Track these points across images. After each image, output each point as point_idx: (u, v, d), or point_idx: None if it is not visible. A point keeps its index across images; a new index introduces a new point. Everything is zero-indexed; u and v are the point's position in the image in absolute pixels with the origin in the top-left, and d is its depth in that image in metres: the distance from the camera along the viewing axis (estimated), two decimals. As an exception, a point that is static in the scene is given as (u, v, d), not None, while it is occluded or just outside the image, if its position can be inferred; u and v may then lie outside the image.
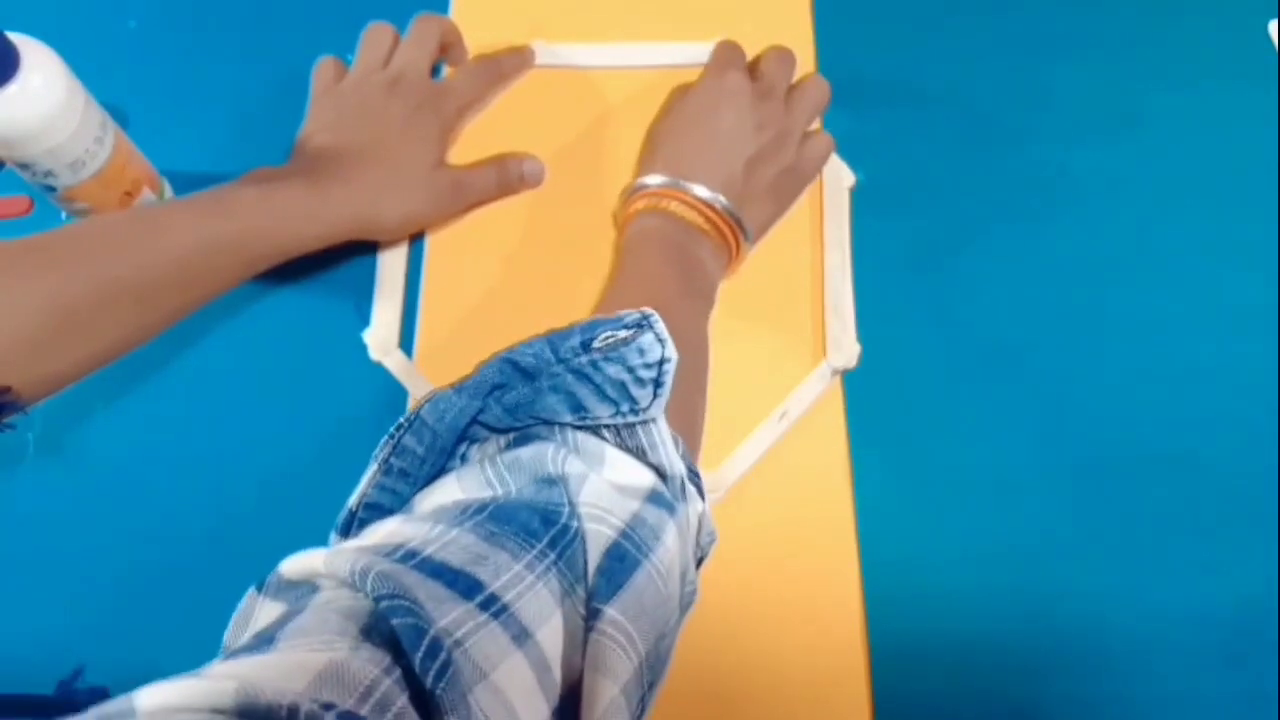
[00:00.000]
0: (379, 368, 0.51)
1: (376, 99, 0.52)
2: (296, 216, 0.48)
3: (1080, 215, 0.55)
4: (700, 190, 0.49)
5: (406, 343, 0.52)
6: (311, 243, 0.49)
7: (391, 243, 0.54)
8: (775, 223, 0.54)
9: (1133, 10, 0.60)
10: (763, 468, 0.50)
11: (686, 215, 0.49)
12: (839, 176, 0.56)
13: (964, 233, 0.55)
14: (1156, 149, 0.57)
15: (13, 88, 0.43)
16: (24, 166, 0.47)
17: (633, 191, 0.52)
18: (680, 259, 0.49)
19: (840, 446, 0.50)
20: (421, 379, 0.51)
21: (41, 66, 0.44)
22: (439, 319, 0.53)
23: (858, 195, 0.56)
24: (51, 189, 0.48)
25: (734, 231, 0.50)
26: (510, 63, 0.58)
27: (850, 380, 0.52)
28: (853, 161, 0.56)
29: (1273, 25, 0.60)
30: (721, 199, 0.49)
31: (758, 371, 0.51)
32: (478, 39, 0.58)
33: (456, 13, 0.60)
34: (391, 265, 0.54)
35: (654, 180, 0.50)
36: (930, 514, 0.49)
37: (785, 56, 0.55)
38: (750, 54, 0.55)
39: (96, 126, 0.47)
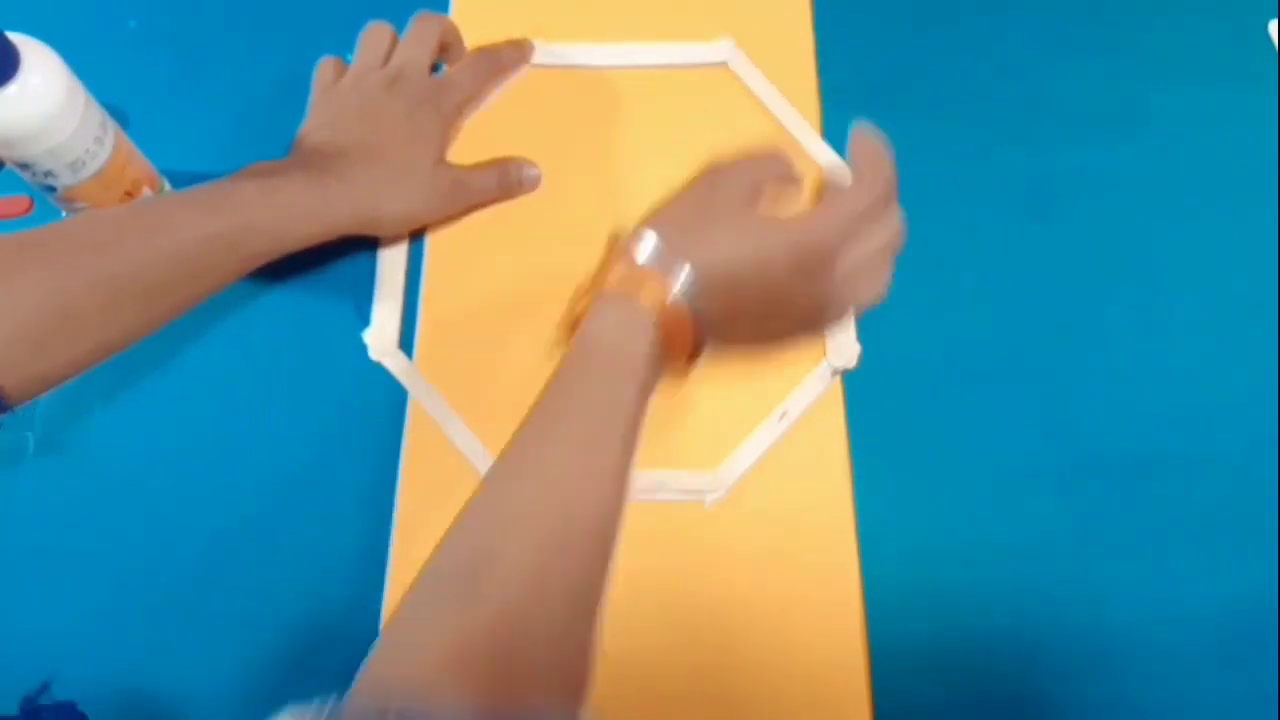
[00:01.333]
0: (379, 368, 0.51)
1: (376, 96, 0.52)
2: (296, 212, 0.48)
3: (1080, 215, 0.55)
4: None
5: (406, 343, 0.52)
6: (310, 238, 0.49)
7: (391, 242, 0.54)
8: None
9: (1133, 10, 0.60)
10: (763, 468, 0.50)
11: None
12: (839, 179, 0.55)
13: (964, 233, 0.55)
14: (1157, 149, 0.57)
15: (13, 88, 0.43)
16: (24, 166, 0.47)
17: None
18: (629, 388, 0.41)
19: (840, 446, 0.50)
20: (421, 379, 0.51)
21: (41, 66, 0.44)
22: (439, 319, 0.53)
23: (858, 195, 0.55)
24: (51, 189, 0.48)
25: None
26: (509, 55, 0.58)
27: (850, 380, 0.52)
28: (853, 161, 0.56)
29: (1273, 25, 0.60)
30: None
31: (758, 372, 0.51)
32: (477, 39, 0.58)
33: (456, 12, 0.60)
34: (391, 265, 0.54)
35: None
36: (930, 514, 0.49)
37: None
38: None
39: (96, 126, 0.47)
